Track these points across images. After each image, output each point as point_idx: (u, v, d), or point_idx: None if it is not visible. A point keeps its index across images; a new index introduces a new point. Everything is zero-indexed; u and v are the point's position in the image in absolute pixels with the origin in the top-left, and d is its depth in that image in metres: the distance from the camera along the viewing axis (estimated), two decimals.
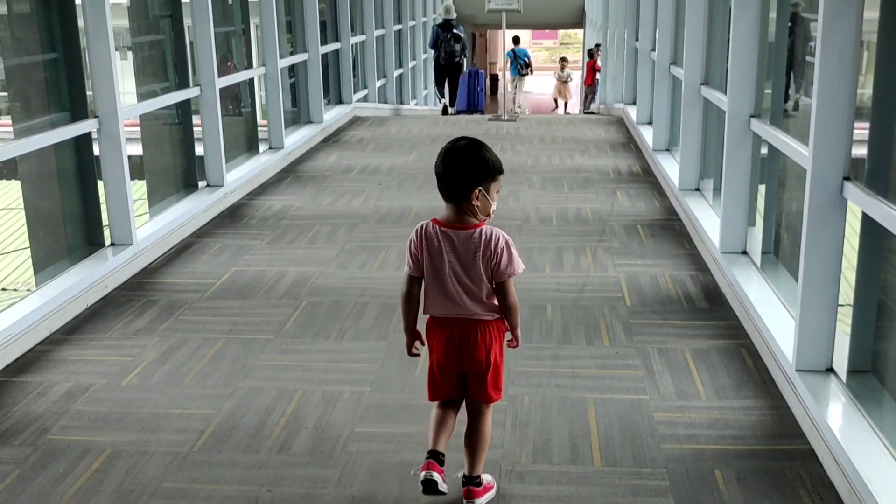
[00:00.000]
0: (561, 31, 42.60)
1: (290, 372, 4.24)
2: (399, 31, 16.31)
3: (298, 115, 10.66)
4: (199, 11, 7.05)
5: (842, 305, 3.83)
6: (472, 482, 3.08)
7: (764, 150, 5.28)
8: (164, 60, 7.32)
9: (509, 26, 22.41)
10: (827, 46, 3.46)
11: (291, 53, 10.35)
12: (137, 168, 7.32)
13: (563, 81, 21.90)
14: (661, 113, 8.62)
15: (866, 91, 3.69)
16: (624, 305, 5.06)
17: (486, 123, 11.88)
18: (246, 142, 8.84)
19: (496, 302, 3.03)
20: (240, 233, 6.63)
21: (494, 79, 33.31)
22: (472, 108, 18.08)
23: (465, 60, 13.70)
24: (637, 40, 10.84)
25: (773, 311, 4.52)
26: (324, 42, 11.12)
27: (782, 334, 4.21)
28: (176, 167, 7.28)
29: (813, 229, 3.64)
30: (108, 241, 5.71)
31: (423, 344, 3.16)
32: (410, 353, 3.18)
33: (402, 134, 11.04)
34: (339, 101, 12.35)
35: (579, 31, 34.22)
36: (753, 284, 4.92)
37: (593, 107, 17.16)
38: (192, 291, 5.37)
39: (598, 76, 17.61)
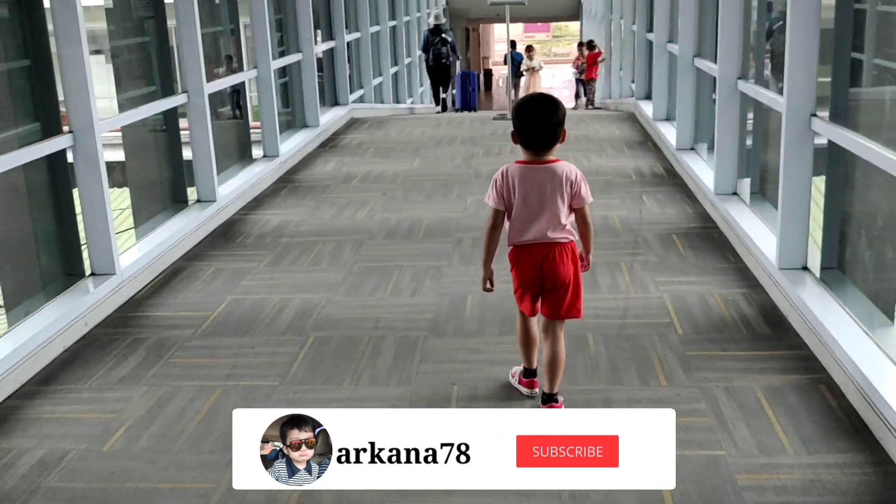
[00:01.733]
0: (553, 24, 42.00)
1: None
2: (394, 27, 15.67)
3: (292, 118, 10.02)
4: (184, 12, 6.41)
5: None
6: (552, 399, 3.62)
7: (821, 141, 4.68)
8: (147, 64, 6.69)
9: (503, 21, 21.70)
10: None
11: (282, 54, 9.72)
12: (119, 178, 6.71)
13: (534, 70, 19.08)
14: (684, 110, 8.01)
15: None
16: (675, 333, 4.46)
17: (491, 123, 11.25)
18: (238, 150, 8.21)
19: (571, 227, 3.56)
20: (235, 254, 6.00)
21: (488, 74, 32.74)
22: (467, 106, 17.64)
23: (454, 61, 14.38)
24: (651, 31, 10.23)
25: (852, 340, 3.93)
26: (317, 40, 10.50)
27: (871, 370, 3.63)
28: (163, 180, 6.65)
29: None
30: (87, 271, 5.09)
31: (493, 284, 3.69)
32: (486, 289, 3.70)
33: (404, 136, 10.41)
34: (335, 103, 11.71)
35: (572, 24, 33.66)
36: (823, 306, 4.32)
37: (596, 101, 16.45)
38: (184, 327, 4.75)
39: (598, 70, 16.82)
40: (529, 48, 19.56)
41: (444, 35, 14.16)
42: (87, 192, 4.92)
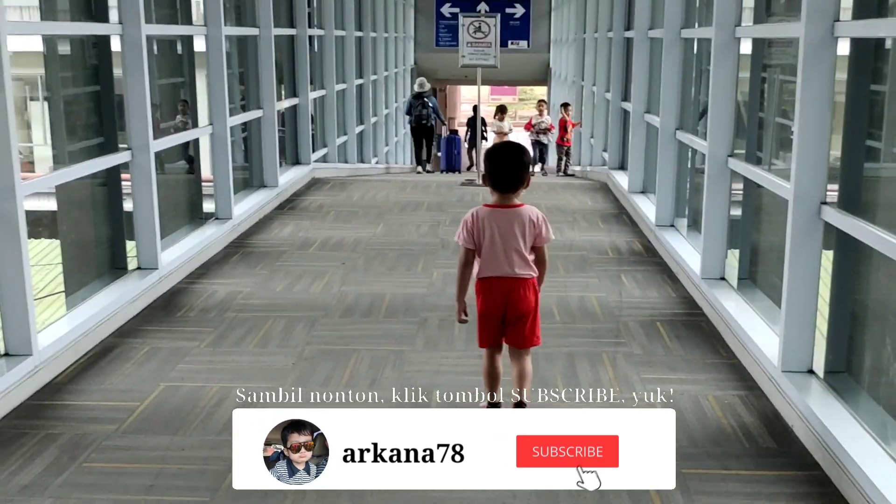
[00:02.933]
0: (519, 87, 42.03)
1: None
2: (361, 85, 15.26)
3: (250, 177, 9.46)
4: (131, 62, 5.87)
5: None
6: (522, 406, 3.83)
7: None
8: (89, 114, 6.12)
9: (470, 83, 21.24)
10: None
11: (243, 107, 9.20)
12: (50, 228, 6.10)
13: (503, 134, 16.68)
14: (665, 185, 7.58)
15: None
16: None
17: (458, 189, 10.79)
18: (187, 210, 7.62)
19: (533, 264, 3.91)
20: (174, 330, 5.39)
21: (455, 134, 32.53)
22: (451, 168, 17.98)
23: (436, 124, 15.41)
24: (626, 100, 9.88)
25: (871, 461, 3.44)
26: (280, 96, 10.00)
27: None
28: (99, 242, 6.05)
29: None
30: (1, 351, 4.46)
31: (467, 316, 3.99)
32: (461, 320, 4.01)
33: (367, 200, 9.89)
34: (297, 162, 11.19)
35: (538, 87, 33.58)
36: (833, 417, 3.83)
37: (570, 169, 15.85)
38: (106, 421, 4.13)
39: (569, 136, 16.17)
40: (502, 109, 17.86)
41: (425, 99, 15.23)
42: (3, 263, 4.31)
